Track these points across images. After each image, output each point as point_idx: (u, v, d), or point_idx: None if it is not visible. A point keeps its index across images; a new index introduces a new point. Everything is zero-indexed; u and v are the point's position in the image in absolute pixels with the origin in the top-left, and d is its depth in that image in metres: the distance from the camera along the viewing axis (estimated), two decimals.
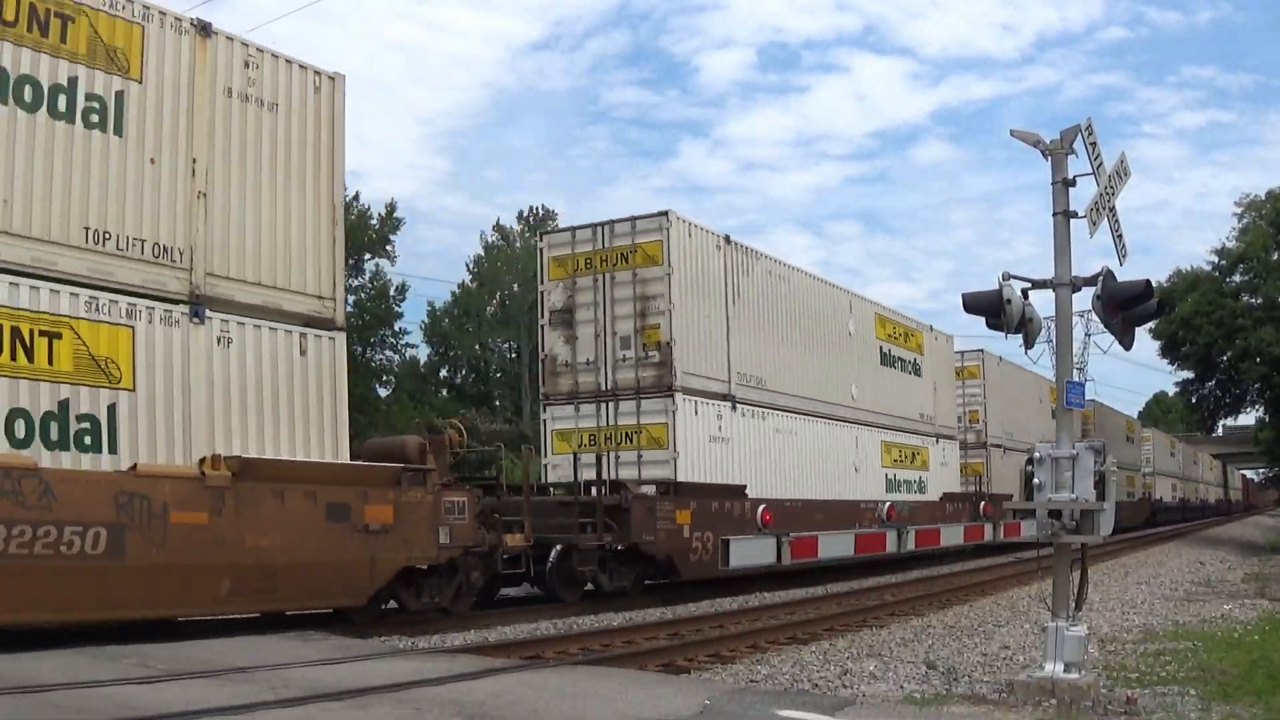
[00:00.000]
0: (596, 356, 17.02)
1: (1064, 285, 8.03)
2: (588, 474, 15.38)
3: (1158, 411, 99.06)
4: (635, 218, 17.04)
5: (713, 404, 17.36)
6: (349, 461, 11.54)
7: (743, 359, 18.19)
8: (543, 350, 17.68)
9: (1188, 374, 37.41)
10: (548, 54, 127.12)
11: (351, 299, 45.04)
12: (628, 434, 16.78)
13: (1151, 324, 28.58)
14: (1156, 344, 35.86)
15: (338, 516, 10.93)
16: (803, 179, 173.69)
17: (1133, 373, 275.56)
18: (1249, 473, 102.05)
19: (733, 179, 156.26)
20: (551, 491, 16.34)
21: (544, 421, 17.60)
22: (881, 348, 23.44)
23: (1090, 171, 8.09)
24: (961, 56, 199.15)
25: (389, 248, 49.84)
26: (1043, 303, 8.60)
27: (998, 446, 30.86)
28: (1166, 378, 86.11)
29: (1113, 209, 8.30)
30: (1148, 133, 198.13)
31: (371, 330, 49.51)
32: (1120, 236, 8.43)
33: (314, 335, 11.32)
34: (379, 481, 11.52)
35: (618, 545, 15.11)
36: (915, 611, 14.72)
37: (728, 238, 18.18)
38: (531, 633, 12.17)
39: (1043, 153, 8.13)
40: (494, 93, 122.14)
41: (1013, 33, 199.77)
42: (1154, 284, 8.26)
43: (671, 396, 16.41)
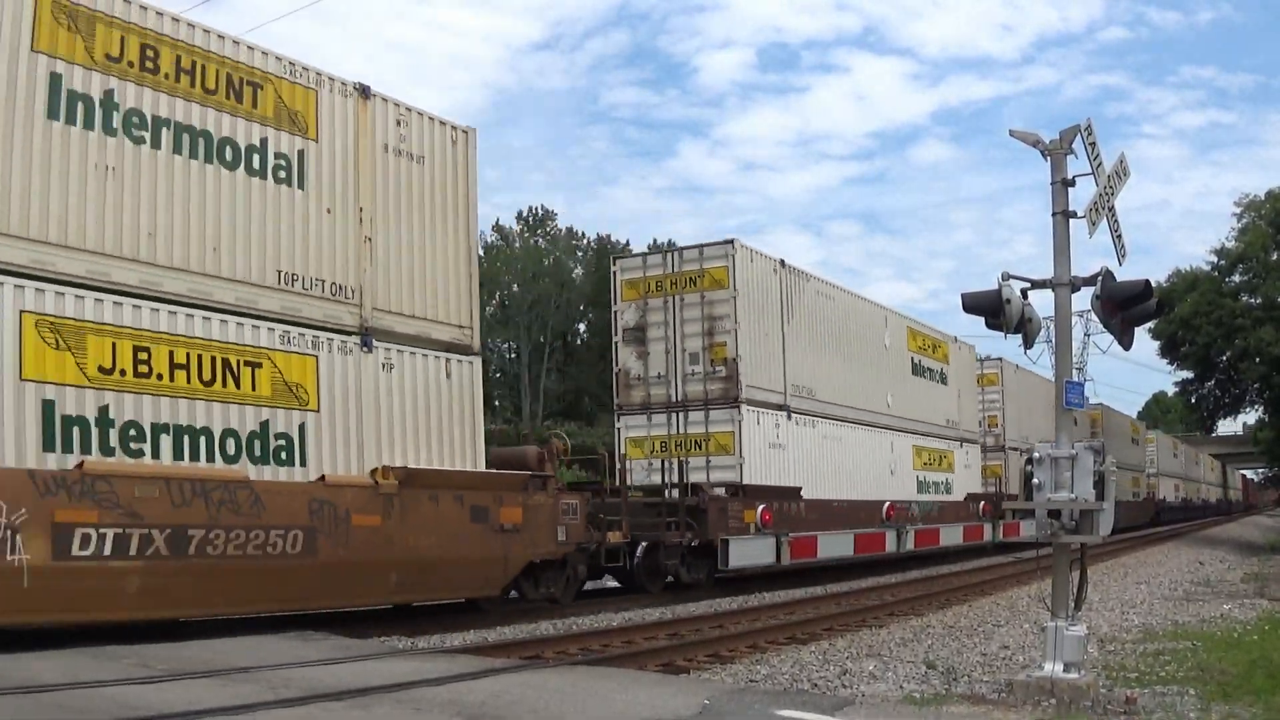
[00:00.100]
0: (667, 371, 18.57)
1: (1063, 285, 7.97)
2: (656, 478, 16.93)
3: (1157, 411, 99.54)
4: (702, 245, 18.63)
5: (771, 413, 18.94)
6: (487, 470, 13.04)
7: (796, 372, 19.76)
8: (616, 364, 19.23)
9: (1187, 374, 37.46)
10: (547, 54, 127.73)
11: None
12: (697, 441, 18.32)
13: (1151, 324, 28.54)
14: (1156, 344, 36.14)
15: (479, 518, 12.47)
16: (802, 179, 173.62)
17: (1133, 373, 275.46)
18: (1248, 473, 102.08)
19: (732, 179, 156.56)
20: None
21: (618, 430, 19.13)
22: (912, 359, 25.05)
23: (1090, 172, 8.06)
24: (961, 57, 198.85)
25: None
26: (1042, 303, 8.57)
27: (1015, 449, 32.38)
28: (1166, 378, 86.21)
29: (1112, 209, 8.26)
30: (1147, 133, 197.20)
31: None
32: (1119, 236, 8.38)
33: (456, 360, 12.83)
34: (511, 487, 13.08)
35: (695, 541, 16.66)
36: (915, 611, 14.73)
37: (783, 262, 19.76)
38: (531, 633, 12.21)
39: (1042, 153, 8.09)
40: (493, 93, 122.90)
41: (1012, 33, 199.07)
42: (1153, 284, 8.19)
43: (737, 407, 17.99)
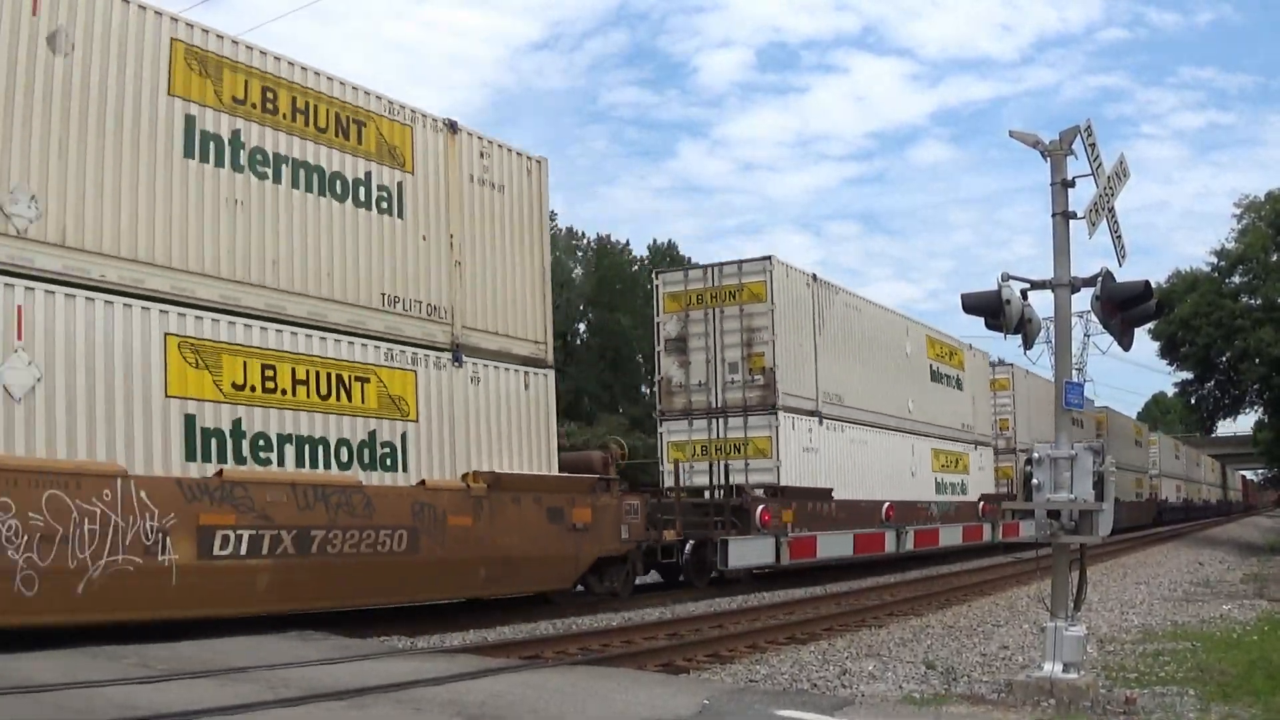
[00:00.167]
0: (707, 379, 19.67)
1: (1063, 286, 7.98)
2: (699, 479, 18.04)
3: (1156, 412, 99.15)
4: (741, 261, 19.72)
5: (804, 419, 20.07)
6: (560, 474, 14.15)
7: (827, 379, 20.89)
8: (659, 373, 20.35)
9: (1187, 375, 37.33)
10: (547, 54, 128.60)
11: None
12: (736, 445, 19.43)
13: (1151, 325, 28.43)
14: (1156, 345, 35.96)
15: (555, 518, 13.60)
16: (802, 179, 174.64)
17: (1132, 373, 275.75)
18: (1248, 473, 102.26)
19: (732, 179, 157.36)
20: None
21: (660, 434, 20.24)
22: (931, 366, 26.22)
23: (1089, 172, 8.05)
24: (961, 57, 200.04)
25: None
26: (1042, 303, 8.57)
27: (1025, 451, 33.71)
28: (1166, 378, 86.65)
29: (1112, 210, 8.25)
30: (1147, 133, 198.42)
31: None
32: (1119, 237, 8.37)
33: (533, 372, 13.95)
34: (582, 489, 14.21)
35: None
36: (914, 611, 14.77)
37: (815, 276, 20.90)
38: (530, 633, 12.26)
39: (1042, 154, 8.09)
40: (492, 92, 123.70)
41: (1012, 33, 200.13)
42: (1153, 285, 8.19)
43: (775, 414, 19.11)
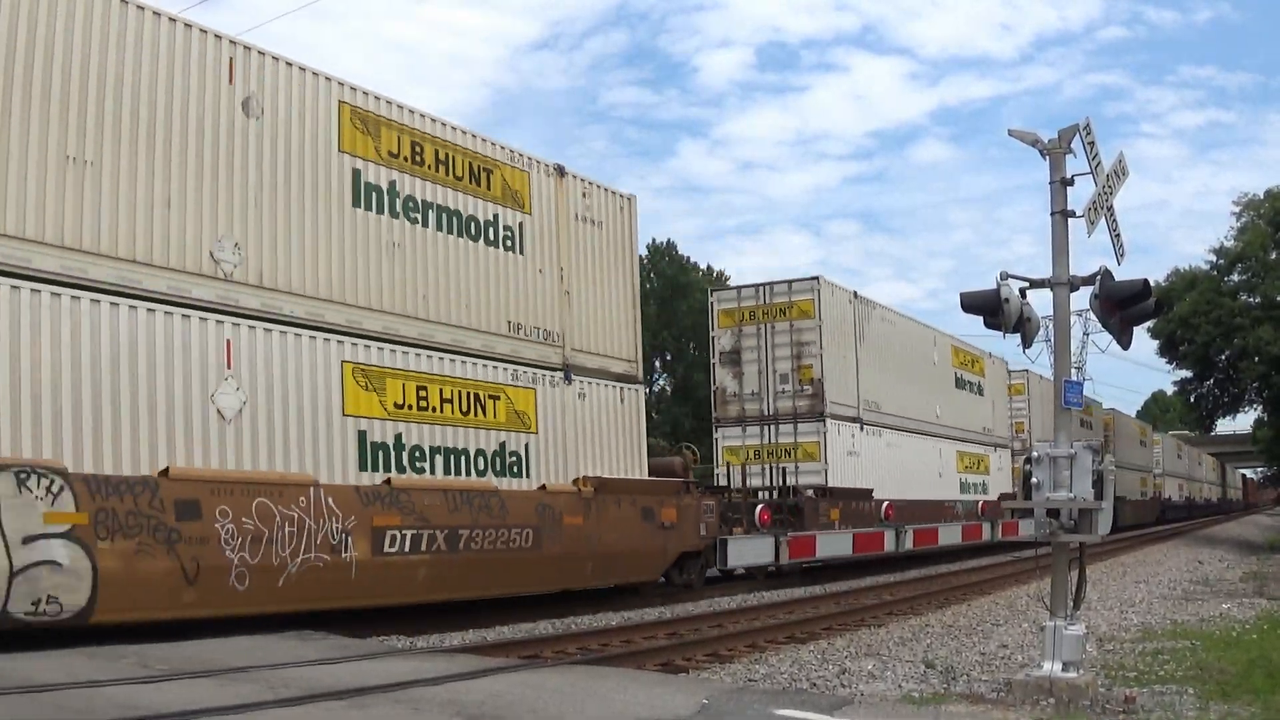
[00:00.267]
0: (760, 389, 21.47)
1: (1062, 285, 7.97)
2: (752, 481, 19.82)
3: (1156, 410, 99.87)
4: (791, 281, 21.52)
5: (848, 425, 21.88)
6: (651, 478, 15.91)
7: (866, 388, 22.69)
8: (714, 383, 22.13)
9: (1186, 373, 37.39)
10: (546, 53, 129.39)
11: None
12: (786, 450, 21.23)
13: (1150, 323, 28.11)
14: (1155, 343, 36.09)
15: (648, 518, 15.35)
16: (801, 179, 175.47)
17: (1132, 372, 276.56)
18: (1248, 472, 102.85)
19: (731, 179, 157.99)
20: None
21: (715, 440, 22.02)
22: (956, 374, 28.06)
23: (1088, 171, 8.04)
24: (960, 56, 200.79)
25: None
26: (1041, 302, 8.57)
27: None
28: (1165, 376, 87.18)
29: (1111, 208, 8.23)
30: (1146, 132, 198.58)
31: None
32: (1118, 236, 8.35)
33: (626, 388, 15.70)
34: (668, 491, 15.98)
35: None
36: (913, 611, 14.90)
37: (855, 293, 22.71)
38: (530, 632, 12.35)
39: (1041, 152, 8.08)
40: (493, 92, 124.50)
41: (1011, 32, 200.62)
42: (1152, 283, 8.17)
43: (823, 420, 20.92)
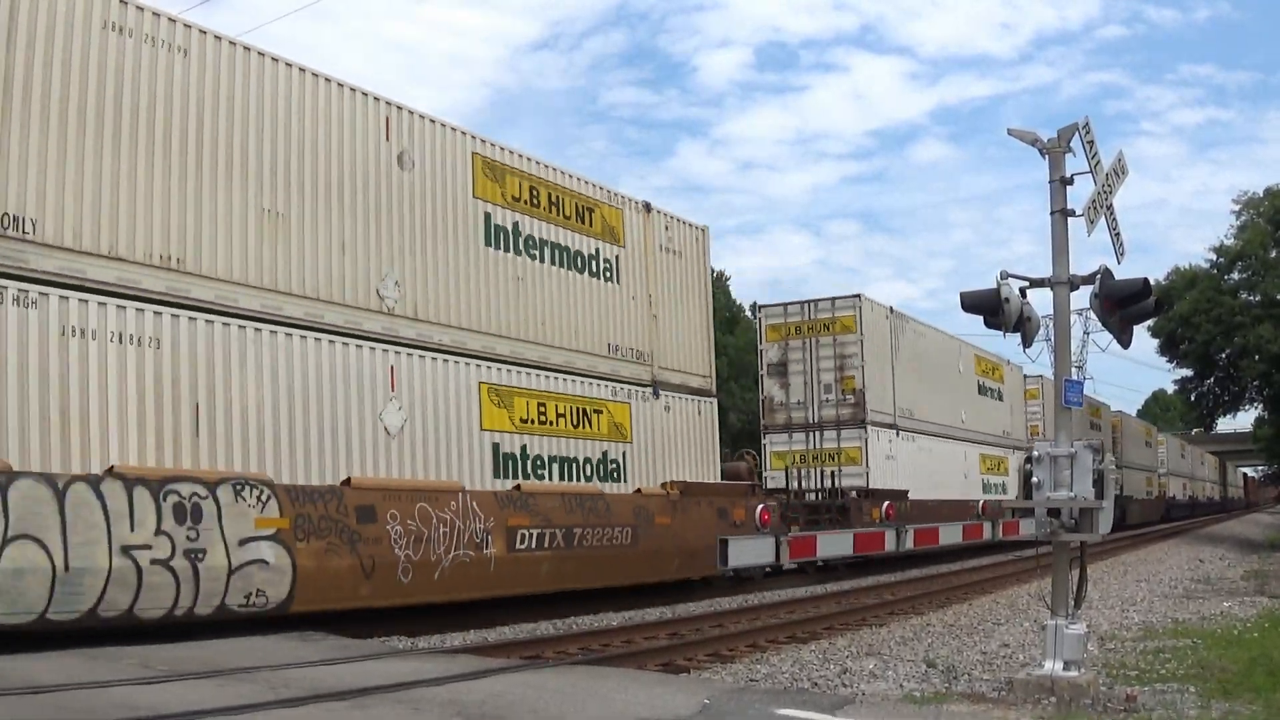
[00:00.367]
0: (805, 398, 23.27)
1: (1062, 284, 7.97)
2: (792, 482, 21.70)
3: (1156, 409, 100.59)
4: (834, 298, 23.35)
5: (886, 431, 23.71)
6: (724, 481, 17.70)
7: (901, 397, 24.53)
8: (762, 393, 23.94)
9: (1187, 372, 37.53)
10: (546, 54, 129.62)
11: None
12: (830, 455, 23.05)
13: (1150, 322, 27.60)
14: (1155, 342, 36.28)
15: (722, 517, 17.13)
16: (801, 178, 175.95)
17: (1132, 370, 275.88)
18: (1249, 470, 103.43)
19: (731, 179, 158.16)
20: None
21: (763, 445, 23.82)
22: (978, 381, 29.95)
23: (1088, 170, 8.05)
24: (960, 56, 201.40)
25: None
26: (1041, 301, 8.58)
27: None
28: (1165, 375, 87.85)
29: (1110, 207, 8.24)
30: (1146, 131, 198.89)
31: None
32: (1118, 235, 8.36)
33: (703, 400, 17.49)
34: (738, 494, 17.77)
35: None
36: (915, 610, 14.98)
37: (892, 309, 24.55)
38: (531, 633, 12.40)
39: (1040, 152, 8.08)
40: (492, 92, 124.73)
41: (1011, 32, 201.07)
42: (1152, 282, 8.16)
43: (864, 428, 22.75)
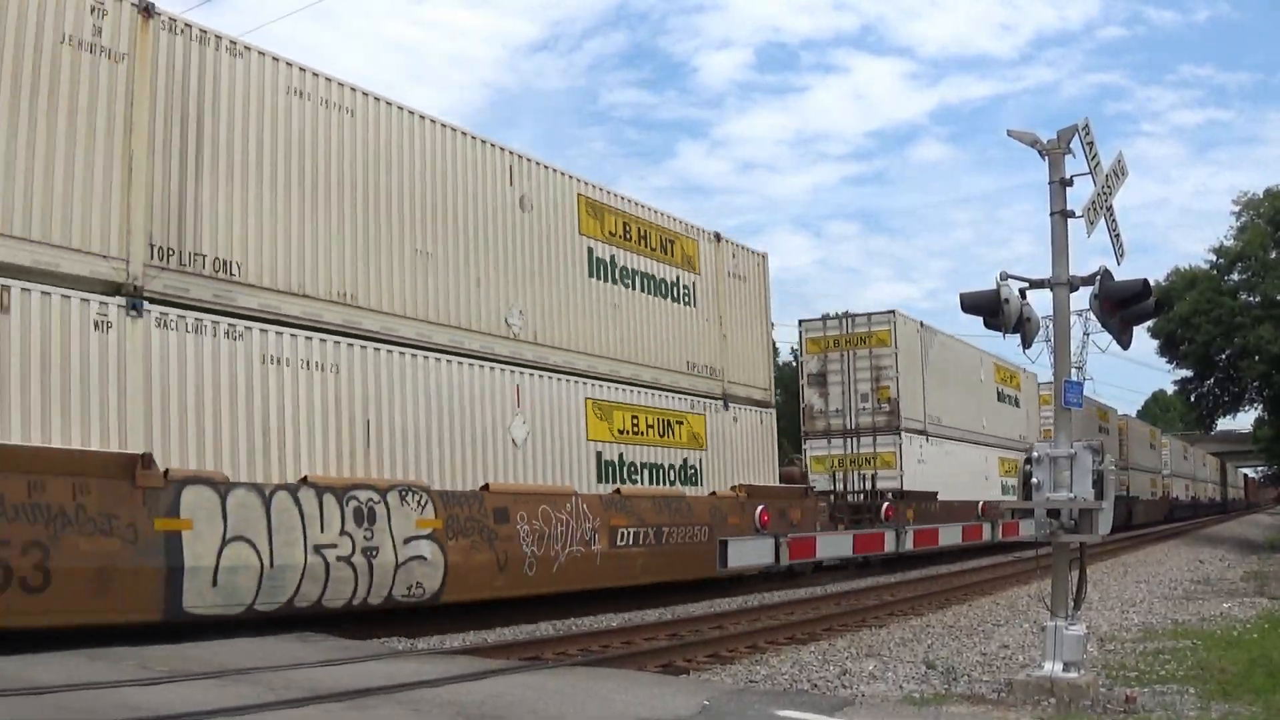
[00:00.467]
0: (843, 407, 25.20)
1: (1061, 285, 7.99)
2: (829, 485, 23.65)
3: (1156, 410, 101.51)
4: (870, 314, 25.31)
5: (917, 437, 25.64)
6: (783, 484, 19.57)
7: (930, 405, 26.47)
8: (803, 401, 25.87)
9: (1186, 372, 37.76)
10: (546, 54, 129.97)
11: None
12: (866, 459, 24.97)
13: (1150, 323, 28.29)
14: (1155, 342, 36.49)
15: (781, 515, 19.01)
16: (801, 179, 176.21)
17: (1132, 371, 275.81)
18: (1249, 471, 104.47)
19: (731, 179, 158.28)
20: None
21: (804, 450, 25.75)
22: (997, 389, 31.95)
23: (1088, 171, 8.07)
24: (960, 56, 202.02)
25: None
26: (1041, 302, 8.61)
27: None
28: (1165, 376, 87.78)
29: (1110, 208, 8.27)
30: (1146, 131, 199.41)
31: None
32: (1118, 236, 8.39)
33: (763, 411, 19.38)
34: (795, 496, 19.69)
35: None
36: (914, 611, 15.01)
37: (922, 324, 26.49)
38: (530, 634, 12.40)
39: (1040, 153, 8.09)
40: (492, 92, 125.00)
41: (1011, 32, 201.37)
42: (1152, 283, 8.19)
43: (899, 434, 24.70)
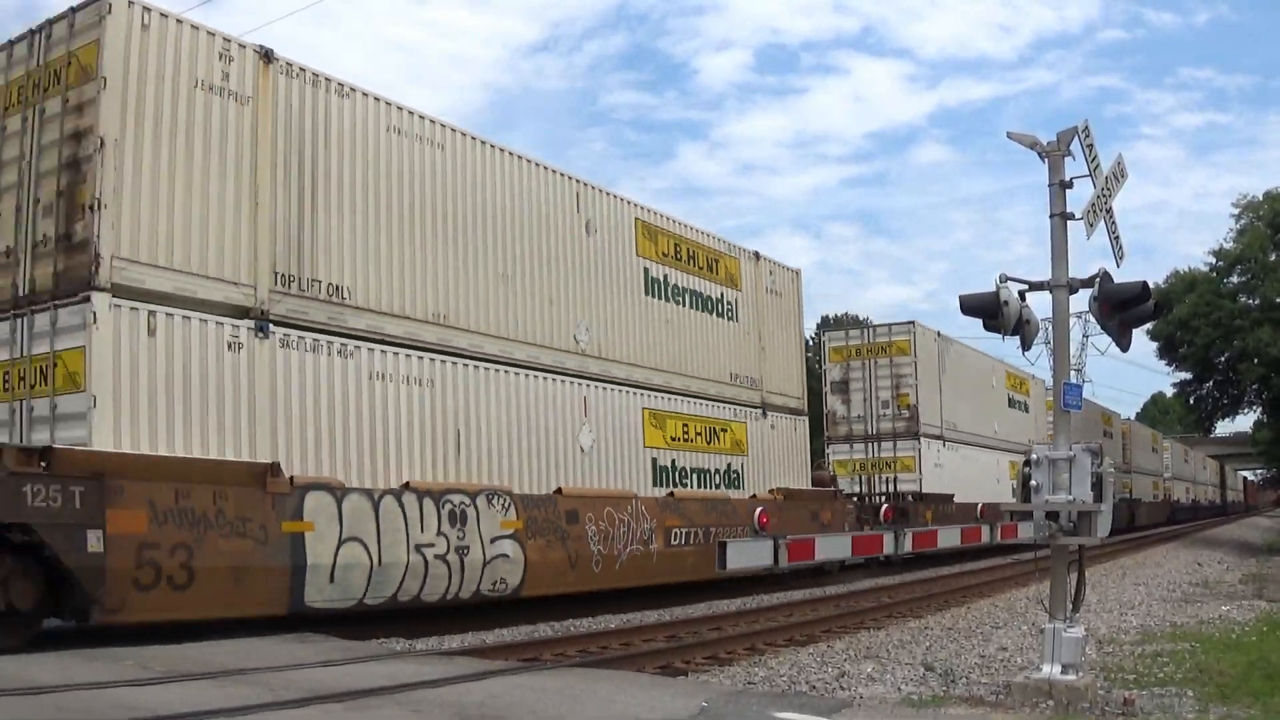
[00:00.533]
0: (864, 413, 26.46)
1: (1061, 287, 8.01)
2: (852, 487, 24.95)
3: (1155, 412, 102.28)
4: (891, 324, 26.59)
5: (934, 442, 26.92)
6: (814, 488, 20.86)
7: (946, 411, 27.73)
8: (826, 408, 27.12)
9: (1186, 375, 37.99)
10: (546, 55, 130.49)
11: None
12: (886, 463, 26.24)
13: (1149, 325, 28.76)
14: (1154, 345, 36.83)
15: (814, 518, 20.27)
16: (801, 180, 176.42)
17: (1132, 374, 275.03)
18: (1248, 474, 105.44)
19: (731, 181, 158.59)
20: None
21: (827, 454, 27.00)
22: (1008, 395, 33.25)
23: (1087, 173, 8.09)
24: (959, 58, 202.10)
25: None
26: (1040, 304, 8.63)
27: None
28: (1164, 378, 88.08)
29: (1109, 210, 8.29)
30: (1145, 134, 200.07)
31: None
32: (1117, 238, 8.40)
33: (797, 419, 20.63)
34: (826, 498, 20.94)
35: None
36: (913, 613, 15.04)
37: (939, 333, 27.75)
38: (529, 635, 12.41)
39: (1040, 155, 8.10)
40: (492, 93, 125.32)
41: (1011, 34, 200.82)
42: (1152, 285, 8.21)
43: (918, 439, 25.97)
